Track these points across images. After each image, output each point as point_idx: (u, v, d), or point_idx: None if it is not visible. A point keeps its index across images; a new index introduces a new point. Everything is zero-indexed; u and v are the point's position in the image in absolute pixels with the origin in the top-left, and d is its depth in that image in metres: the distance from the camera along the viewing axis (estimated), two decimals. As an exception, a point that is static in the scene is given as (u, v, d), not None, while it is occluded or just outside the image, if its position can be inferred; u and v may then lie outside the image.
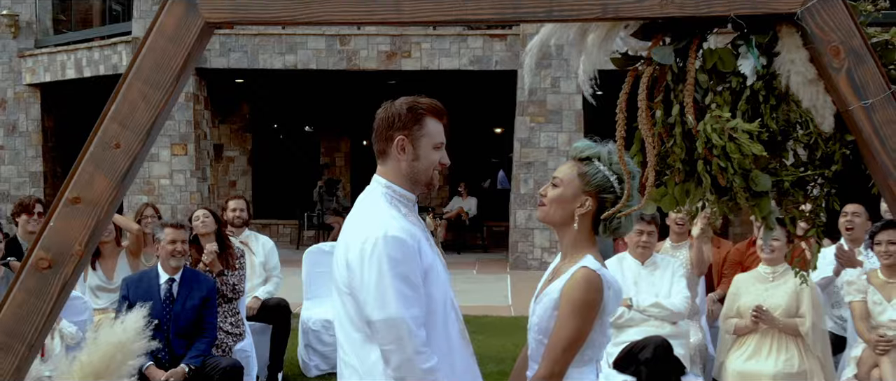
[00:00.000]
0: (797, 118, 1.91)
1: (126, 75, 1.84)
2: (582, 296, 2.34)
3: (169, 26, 1.81)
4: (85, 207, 1.85)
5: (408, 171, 2.57)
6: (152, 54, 1.81)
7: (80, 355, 2.12)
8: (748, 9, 1.84)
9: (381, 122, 2.58)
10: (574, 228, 2.42)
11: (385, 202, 2.54)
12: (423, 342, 2.45)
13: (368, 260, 2.42)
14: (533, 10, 1.84)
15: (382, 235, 2.42)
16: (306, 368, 7.10)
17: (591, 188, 2.40)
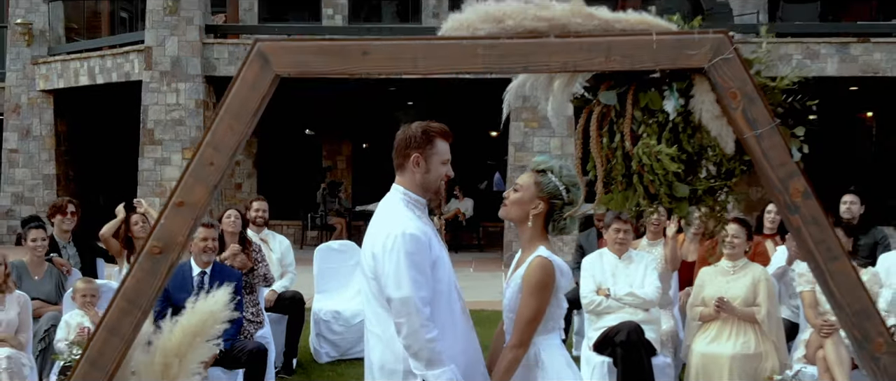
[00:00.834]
0: (708, 143, 2.60)
1: (217, 112, 2.53)
2: (538, 279, 3.04)
3: (249, 77, 2.50)
4: (187, 209, 2.54)
5: (421, 181, 3.24)
6: (237, 97, 2.50)
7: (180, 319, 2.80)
8: (669, 64, 2.53)
9: (400, 142, 3.26)
10: (529, 225, 3.12)
11: (403, 206, 3.22)
12: (427, 318, 3.10)
13: (390, 252, 3.09)
14: (513, 65, 2.54)
15: (401, 232, 3.10)
16: (317, 354, 7.79)
17: (544, 194, 3.11)
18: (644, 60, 2.53)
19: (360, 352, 7.47)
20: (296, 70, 2.50)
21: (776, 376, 5.52)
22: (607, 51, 2.51)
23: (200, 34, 14.78)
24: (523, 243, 3.24)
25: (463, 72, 2.55)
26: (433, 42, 2.56)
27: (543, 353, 3.15)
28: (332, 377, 7.37)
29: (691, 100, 2.57)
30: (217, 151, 2.50)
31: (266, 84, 2.47)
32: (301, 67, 2.51)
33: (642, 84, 2.59)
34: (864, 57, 14.50)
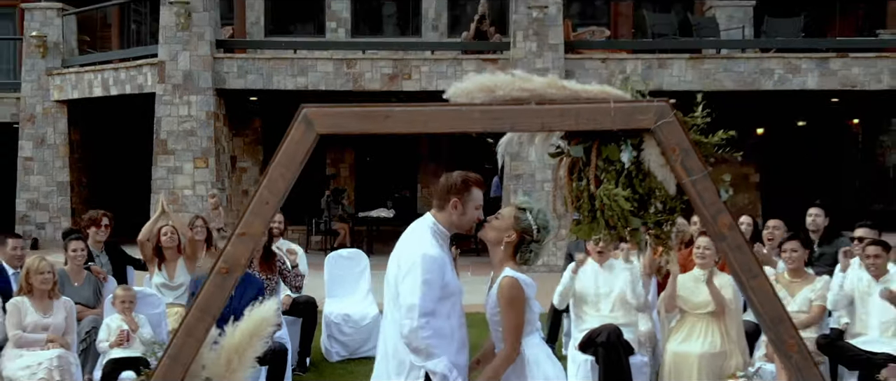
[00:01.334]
0: (655, 186, 3.31)
1: (272, 162, 3.24)
2: (509, 296, 3.76)
3: (297, 136, 3.21)
4: (247, 238, 3.25)
5: (456, 221, 3.93)
6: (287, 152, 3.21)
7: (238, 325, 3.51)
8: (624, 125, 3.24)
9: (442, 186, 3.94)
10: (501, 248, 3.83)
11: (430, 234, 3.91)
12: (426, 322, 3.80)
13: (412, 267, 3.79)
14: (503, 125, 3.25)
15: (423, 254, 3.80)
16: (328, 354, 8.50)
17: (518, 228, 3.82)
18: (604, 123, 3.24)
19: (368, 351, 8.24)
20: (332, 130, 3.21)
21: (739, 372, 6.24)
22: (576, 115, 3.23)
23: (211, 49, 15.50)
24: (495, 263, 3.96)
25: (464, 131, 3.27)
26: (440, 108, 3.28)
27: (527, 351, 3.86)
28: (342, 374, 8.07)
29: (642, 152, 3.29)
30: (271, 193, 3.21)
31: (309, 141, 3.18)
32: (337, 128, 3.22)
33: (604, 140, 3.31)
34: (842, 71, 15.23)
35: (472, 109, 3.25)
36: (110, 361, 6.51)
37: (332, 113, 3.22)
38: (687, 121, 3.31)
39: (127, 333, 6.62)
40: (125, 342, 6.61)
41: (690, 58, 15.39)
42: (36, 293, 6.52)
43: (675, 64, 15.34)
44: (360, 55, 15.78)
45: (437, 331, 3.81)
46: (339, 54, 15.66)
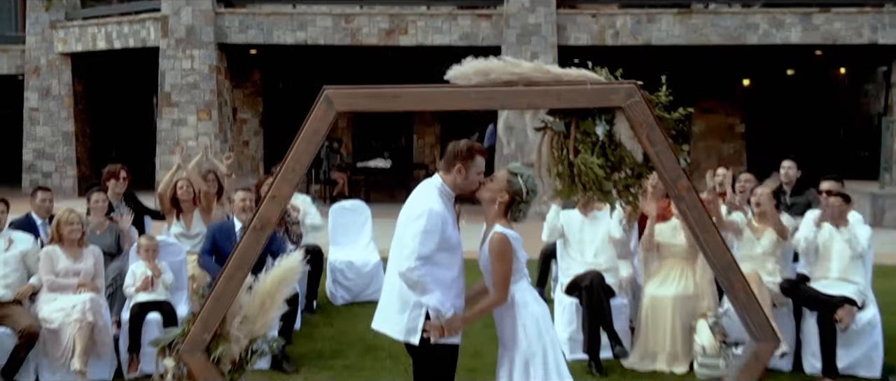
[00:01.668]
0: (625, 155, 3.88)
1: (297, 137, 3.79)
2: (499, 249, 4.32)
3: (320, 113, 3.76)
4: (277, 200, 3.82)
5: (460, 183, 4.45)
6: (311, 127, 3.77)
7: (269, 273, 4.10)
8: (599, 104, 3.80)
9: (450, 153, 4.44)
10: (494, 207, 4.39)
11: (436, 193, 4.44)
12: (421, 264, 4.33)
13: (417, 218, 4.33)
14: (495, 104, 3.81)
15: (429, 209, 4.34)
16: (333, 298, 9.13)
17: (510, 190, 4.37)
18: (582, 102, 3.81)
19: (370, 296, 8.89)
20: (349, 108, 3.77)
21: (709, 312, 6.87)
22: (558, 95, 3.79)
23: (213, 4, 15.92)
24: (488, 220, 4.51)
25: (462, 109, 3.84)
26: (441, 89, 3.83)
27: (517, 294, 4.46)
28: (347, 316, 8.72)
29: (614, 127, 3.85)
30: (297, 163, 3.78)
31: (330, 117, 3.73)
32: (353, 106, 3.78)
33: (581, 116, 3.87)
34: (825, 26, 15.73)
35: (469, 90, 3.81)
36: (136, 304, 7.12)
37: (349, 94, 3.77)
38: (652, 99, 3.87)
39: (151, 278, 7.22)
40: (149, 287, 7.21)
41: (678, 13, 15.87)
42: (66, 242, 7.07)
43: (664, 18, 15.82)
44: (358, 10, 16.21)
45: (435, 277, 4.38)
46: (337, 9, 16.09)
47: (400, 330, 4.45)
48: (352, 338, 7.98)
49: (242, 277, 3.86)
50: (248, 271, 3.87)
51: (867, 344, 6.84)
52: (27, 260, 7.17)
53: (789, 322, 7.02)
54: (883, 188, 16.09)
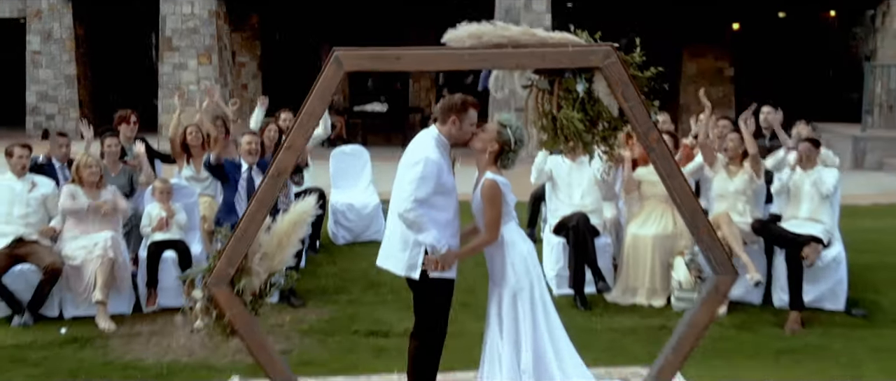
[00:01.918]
0: (602, 110, 4.33)
1: (310, 94, 4.24)
2: (490, 194, 4.78)
3: (330, 73, 4.20)
4: (293, 150, 4.28)
5: (455, 133, 4.85)
6: (322, 85, 4.21)
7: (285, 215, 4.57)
8: (579, 64, 4.24)
9: (445, 105, 4.87)
10: (485, 156, 4.84)
11: (433, 142, 4.85)
12: (417, 206, 4.79)
13: (415, 164, 4.76)
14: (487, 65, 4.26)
15: (426, 157, 4.77)
16: (335, 238, 9.64)
17: (500, 140, 4.80)
18: (565, 62, 4.25)
19: (370, 236, 9.40)
20: (356, 68, 4.21)
21: (686, 250, 7.39)
22: (543, 57, 4.23)
23: (212, -51, 16.19)
24: (480, 167, 4.95)
25: (457, 69, 4.28)
26: (439, 52, 4.27)
27: (506, 234, 4.94)
28: (348, 255, 9.24)
29: (592, 84, 4.30)
30: (311, 115, 4.23)
31: (339, 76, 4.17)
32: (359, 66, 4.23)
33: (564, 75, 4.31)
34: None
35: (463, 52, 4.25)
36: (153, 243, 7.62)
37: (356, 55, 4.20)
38: (627, 60, 4.31)
39: (166, 219, 7.71)
40: (165, 227, 7.71)
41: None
42: (86, 184, 7.53)
43: (655, -36, 16.13)
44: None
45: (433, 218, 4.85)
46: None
47: (401, 266, 4.93)
48: (354, 275, 8.50)
49: (262, 218, 4.34)
50: (267, 213, 4.35)
51: (832, 280, 7.38)
52: (47, 203, 7.64)
53: (760, 259, 7.55)
54: (865, 131, 16.58)
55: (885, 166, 15.79)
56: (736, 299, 7.43)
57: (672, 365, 4.51)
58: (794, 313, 7.12)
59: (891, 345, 6.68)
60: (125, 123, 9.17)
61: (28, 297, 7.32)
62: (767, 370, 6.22)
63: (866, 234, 9.94)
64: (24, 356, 6.77)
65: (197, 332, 6.26)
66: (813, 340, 6.85)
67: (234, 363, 6.53)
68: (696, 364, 6.15)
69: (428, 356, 5.10)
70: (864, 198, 12.86)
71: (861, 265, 8.41)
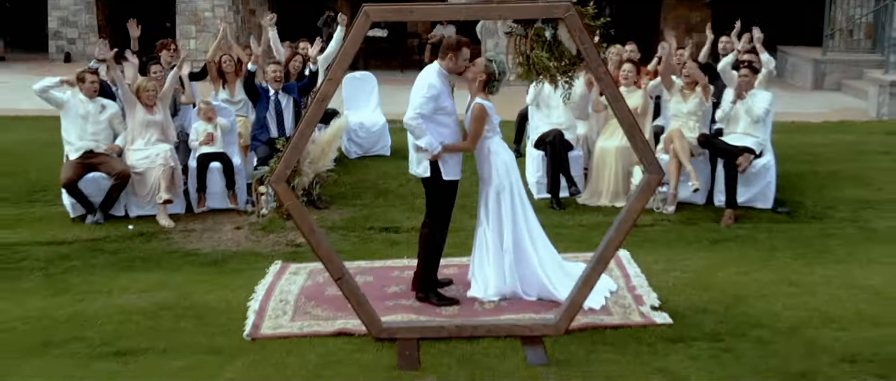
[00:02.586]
0: (564, 50, 5.74)
1: (341, 45, 5.62)
2: (479, 114, 6.21)
3: (360, 25, 5.59)
4: (333, 82, 5.69)
5: (452, 67, 6.21)
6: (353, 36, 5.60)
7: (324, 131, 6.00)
8: (547, 15, 5.64)
9: (445, 44, 6.25)
10: (476, 84, 6.25)
11: (436, 74, 6.26)
12: (418, 116, 6.20)
13: (420, 87, 6.17)
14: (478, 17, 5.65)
15: (429, 83, 6.17)
16: (348, 153, 11.09)
17: (486, 72, 6.21)
18: (535, 14, 5.64)
19: (378, 151, 10.92)
20: (380, 19, 5.59)
21: (643, 161, 8.84)
22: (519, 10, 5.62)
23: None
24: (471, 93, 6.35)
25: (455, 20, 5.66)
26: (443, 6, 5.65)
27: (492, 146, 6.38)
28: (360, 167, 10.72)
29: (557, 31, 5.69)
30: (346, 54, 5.62)
31: (368, 26, 5.55)
32: (383, 18, 5.60)
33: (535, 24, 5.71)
34: None
35: (461, 7, 5.65)
36: (201, 155, 9.06)
37: (380, 10, 5.58)
38: (583, 13, 5.70)
39: (211, 135, 9.13)
40: (210, 142, 9.13)
41: None
42: (144, 104, 8.90)
43: None
44: None
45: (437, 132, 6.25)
46: None
47: (420, 171, 6.40)
48: (366, 184, 9.98)
49: (310, 133, 5.77)
50: (313, 129, 5.78)
51: (762, 183, 8.87)
52: (113, 122, 9.04)
53: (705, 167, 9.03)
54: (825, 55, 17.91)
55: (843, 87, 17.17)
56: (683, 201, 8.95)
57: (614, 241, 5.99)
58: (729, 210, 8.64)
59: (804, 236, 8.20)
60: (166, 49, 10.50)
61: (98, 200, 8.79)
62: (702, 254, 7.75)
63: (807, 147, 11.45)
64: (101, 246, 8.28)
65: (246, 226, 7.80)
66: (742, 232, 8.37)
67: (275, 252, 8.05)
68: (646, 251, 7.71)
69: (435, 242, 6.59)
70: (818, 116, 14.32)
71: (793, 173, 9.95)
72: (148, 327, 6.39)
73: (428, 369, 5.62)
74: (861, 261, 7.45)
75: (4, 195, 9.76)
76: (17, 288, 7.30)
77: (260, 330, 6.23)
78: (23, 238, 8.44)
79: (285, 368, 5.70)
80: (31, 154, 11.45)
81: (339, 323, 6.26)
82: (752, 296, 6.65)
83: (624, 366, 5.58)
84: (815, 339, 5.91)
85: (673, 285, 6.89)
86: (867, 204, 9.08)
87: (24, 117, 14.12)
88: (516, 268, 6.53)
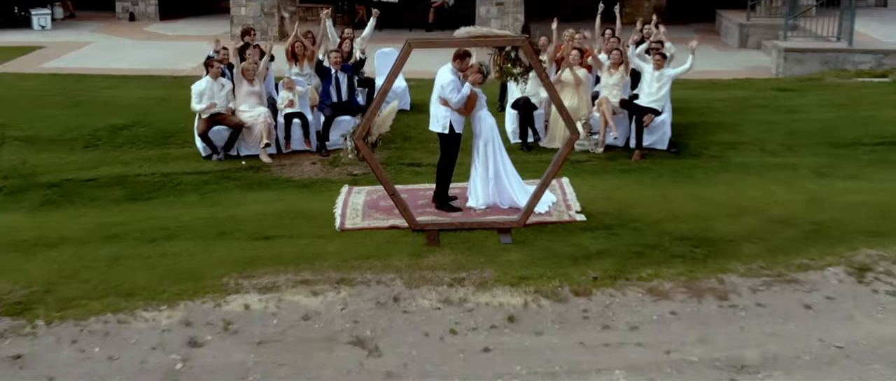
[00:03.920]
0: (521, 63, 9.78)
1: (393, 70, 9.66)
2: (473, 96, 10.18)
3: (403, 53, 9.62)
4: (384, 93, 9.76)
5: (460, 67, 10.16)
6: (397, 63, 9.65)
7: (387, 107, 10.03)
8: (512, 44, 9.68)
9: (455, 53, 10.22)
10: (472, 78, 10.19)
11: (450, 71, 10.10)
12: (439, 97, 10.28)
13: (446, 81, 10.17)
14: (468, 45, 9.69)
15: (452, 79, 10.14)
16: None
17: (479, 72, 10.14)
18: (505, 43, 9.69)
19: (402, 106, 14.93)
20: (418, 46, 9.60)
21: (583, 117, 12.90)
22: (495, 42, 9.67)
23: None
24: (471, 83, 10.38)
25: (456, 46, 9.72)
26: (445, 38, 9.70)
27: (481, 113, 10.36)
28: (389, 118, 14.77)
29: (518, 52, 9.73)
30: (390, 78, 9.65)
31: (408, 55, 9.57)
32: (420, 46, 9.63)
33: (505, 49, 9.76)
34: None
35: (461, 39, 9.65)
36: (286, 114, 13.10)
37: (418, 40, 9.59)
38: (533, 43, 9.73)
39: (292, 101, 13.17)
40: (291, 106, 13.17)
41: None
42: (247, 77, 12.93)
43: None
44: None
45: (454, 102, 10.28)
46: None
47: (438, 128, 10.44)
48: (396, 133, 13.95)
49: (377, 108, 9.83)
50: (380, 105, 9.83)
51: (660, 132, 12.95)
52: (228, 95, 13.05)
53: (625, 122, 13.09)
54: (748, 19, 21.81)
55: (762, 47, 21.12)
56: (609, 145, 13.04)
57: (551, 173, 10.07)
58: (637, 151, 12.75)
59: (681, 167, 12.32)
60: (249, 34, 14.49)
61: (220, 145, 12.85)
62: (614, 179, 11.88)
63: (708, 102, 15.53)
64: (227, 175, 12.37)
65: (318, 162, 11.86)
66: (645, 165, 12.49)
67: (341, 179, 12.12)
68: (580, 178, 11.82)
69: (445, 173, 10.70)
70: (729, 73, 18.34)
71: (689, 122, 14.06)
72: (276, 223, 10.50)
73: (444, 245, 9.76)
74: (712, 183, 11.60)
75: (147, 139, 13.82)
76: (184, 201, 11.41)
77: (344, 224, 10.38)
78: (173, 170, 12.53)
79: (362, 245, 9.82)
80: (150, 108, 15.45)
81: (391, 221, 10.39)
82: (637, 204, 10.80)
83: (556, 243, 9.74)
84: (665, 227, 10.07)
85: (591, 199, 11.03)
86: (731, 145, 13.21)
87: (127, 76, 18.11)
88: (495, 188, 10.64)
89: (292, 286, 8.77)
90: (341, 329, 8.03)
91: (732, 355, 7.49)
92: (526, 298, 8.48)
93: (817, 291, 8.56)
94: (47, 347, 7.83)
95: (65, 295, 8.64)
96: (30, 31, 23.71)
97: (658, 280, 8.76)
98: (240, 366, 7.52)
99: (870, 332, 7.83)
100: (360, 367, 7.48)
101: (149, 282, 8.89)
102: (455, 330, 7.97)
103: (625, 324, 8.03)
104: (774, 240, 9.63)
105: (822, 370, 7.28)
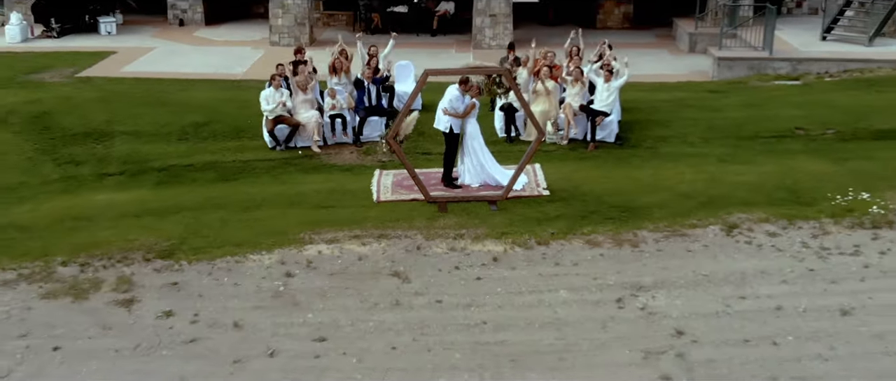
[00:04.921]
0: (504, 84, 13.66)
1: (414, 92, 13.55)
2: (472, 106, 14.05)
3: (421, 81, 13.51)
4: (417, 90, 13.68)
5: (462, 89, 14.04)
6: (416, 89, 13.57)
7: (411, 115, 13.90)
8: (498, 72, 13.59)
9: (460, 80, 14.05)
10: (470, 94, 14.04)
11: (456, 90, 13.98)
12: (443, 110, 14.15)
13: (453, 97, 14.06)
14: (463, 73, 13.60)
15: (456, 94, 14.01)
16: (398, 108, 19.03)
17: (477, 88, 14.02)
18: (492, 72, 13.60)
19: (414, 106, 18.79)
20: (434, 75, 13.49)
21: (553, 118, 16.78)
22: (485, 70, 13.57)
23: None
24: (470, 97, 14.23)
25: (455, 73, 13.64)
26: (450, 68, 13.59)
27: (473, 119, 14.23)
28: (406, 116, 18.67)
29: (502, 77, 13.63)
30: (412, 96, 13.56)
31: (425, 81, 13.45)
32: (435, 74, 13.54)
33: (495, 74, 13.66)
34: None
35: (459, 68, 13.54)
36: (330, 116, 16.99)
37: (434, 70, 13.49)
38: (510, 72, 13.62)
39: (333, 105, 17.05)
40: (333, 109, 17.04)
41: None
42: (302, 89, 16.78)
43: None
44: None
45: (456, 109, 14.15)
46: None
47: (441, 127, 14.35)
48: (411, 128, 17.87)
49: (406, 113, 13.73)
50: (407, 115, 13.73)
51: (610, 129, 16.81)
52: (287, 101, 16.90)
53: (583, 121, 16.97)
54: (697, 29, 25.57)
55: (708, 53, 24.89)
56: (573, 138, 16.92)
57: (522, 164, 13.97)
58: (592, 143, 16.63)
59: (623, 156, 16.18)
60: (299, 52, 18.35)
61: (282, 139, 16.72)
62: (573, 165, 15.76)
63: (652, 102, 19.37)
64: (290, 162, 16.25)
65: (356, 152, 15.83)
66: (597, 154, 16.32)
67: (373, 164, 15.99)
68: (549, 165, 15.71)
69: (448, 160, 14.60)
70: (675, 77, 22.12)
71: (634, 120, 17.93)
72: (330, 197, 14.37)
73: (451, 212, 13.66)
74: (642, 168, 15.49)
75: (224, 133, 17.66)
76: (260, 181, 15.31)
77: (379, 198, 14.29)
78: (249, 158, 16.42)
79: (393, 212, 13.70)
80: (219, 107, 19.24)
81: (412, 195, 14.28)
82: (587, 182, 14.69)
83: (528, 210, 13.64)
84: (604, 199, 13.95)
85: (555, 179, 14.90)
86: (662, 139, 17.08)
87: (193, 80, 21.93)
88: (482, 172, 14.54)
89: (348, 239, 12.69)
90: (383, 266, 11.96)
91: (635, 280, 11.44)
92: (505, 246, 12.41)
93: (698, 241, 12.50)
94: (192, 277, 11.75)
95: (195, 245, 12.55)
96: (98, 37, 27.31)
97: (594, 234, 12.69)
98: (319, 289, 11.44)
99: (726, 266, 11.78)
100: (397, 289, 11.40)
101: (250, 236, 12.79)
102: (458, 267, 11.90)
103: (569, 262, 11.98)
104: (677, 208, 13.55)
105: (690, 289, 11.23)
